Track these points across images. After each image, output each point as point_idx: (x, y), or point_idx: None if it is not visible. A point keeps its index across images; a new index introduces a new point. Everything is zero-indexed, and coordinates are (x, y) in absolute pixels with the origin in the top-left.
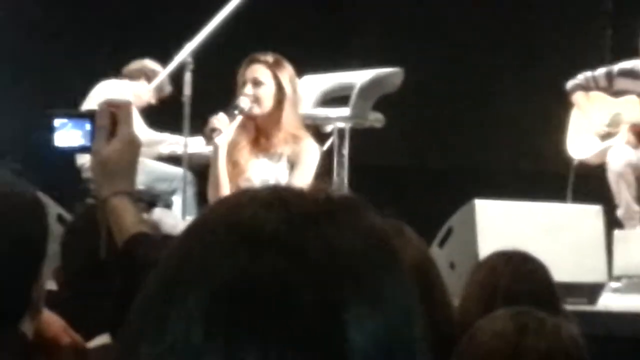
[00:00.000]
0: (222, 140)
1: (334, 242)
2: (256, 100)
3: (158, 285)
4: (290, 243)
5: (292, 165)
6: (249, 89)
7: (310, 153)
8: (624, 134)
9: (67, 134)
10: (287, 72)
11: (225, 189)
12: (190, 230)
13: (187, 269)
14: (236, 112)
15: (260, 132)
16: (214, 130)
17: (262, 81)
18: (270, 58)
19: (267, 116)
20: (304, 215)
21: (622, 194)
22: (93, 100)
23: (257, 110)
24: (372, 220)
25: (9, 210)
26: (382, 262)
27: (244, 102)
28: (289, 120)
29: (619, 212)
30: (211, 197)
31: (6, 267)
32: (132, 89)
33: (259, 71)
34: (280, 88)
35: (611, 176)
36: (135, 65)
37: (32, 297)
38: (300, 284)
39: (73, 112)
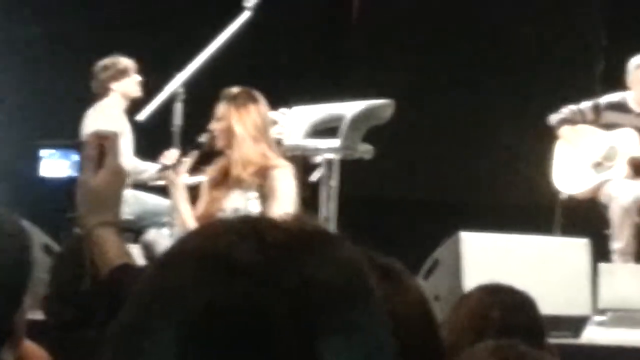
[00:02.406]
0: (173, 176)
1: (308, 272)
2: (216, 134)
3: (132, 315)
4: (265, 273)
5: (265, 196)
6: (212, 124)
7: (282, 181)
8: (622, 168)
9: (54, 164)
10: (244, 108)
11: (190, 222)
12: (164, 259)
13: (161, 299)
14: (192, 146)
15: (227, 166)
16: (164, 167)
17: (222, 116)
18: (233, 92)
19: (229, 150)
20: (278, 245)
21: (626, 229)
22: (88, 126)
23: (219, 144)
24: (346, 251)
25: None
26: (357, 292)
27: (203, 137)
28: (245, 154)
29: (617, 246)
30: (180, 230)
31: None
32: (116, 95)
33: (220, 106)
34: (237, 121)
35: (617, 210)
36: (93, 80)
37: (14, 326)
38: (275, 314)
39: (60, 142)
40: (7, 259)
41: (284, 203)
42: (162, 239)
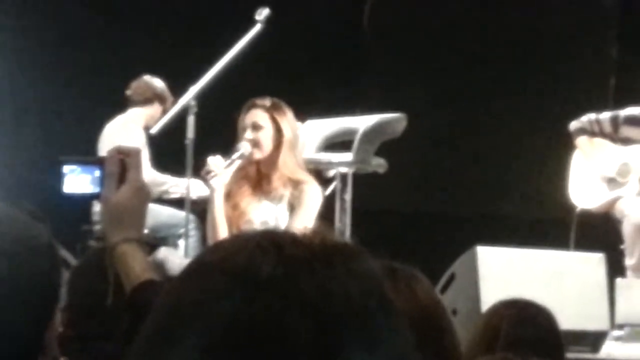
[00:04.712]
0: (218, 183)
1: (329, 286)
2: (256, 144)
3: (155, 329)
4: (286, 286)
5: (293, 208)
6: (248, 133)
7: (311, 196)
8: (635, 185)
9: (77, 180)
10: (285, 115)
11: (223, 231)
12: (186, 273)
13: (184, 313)
14: (237, 156)
15: (261, 175)
16: (208, 172)
17: (261, 125)
18: (267, 102)
19: (267, 159)
20: (298, 259)
21: (638, 247)
22: (107, 139)
23: (258, 155)
24: (367, 265)
25: (28, 255)
26: (378, 306)
27: (244, 146)
28: (286, 162)
29: (630, 262)
30: (209, 239)
31: (24, 312)
32: (145, 113)
33: (258, 115)
34: (278, 130)
35: (629, 228)
36: (140, 86)
37: (46, 341)
38: (297, 327)
39: (82, 158)
40: (41, 276)
41: (306, 218)
42: (173, 256)
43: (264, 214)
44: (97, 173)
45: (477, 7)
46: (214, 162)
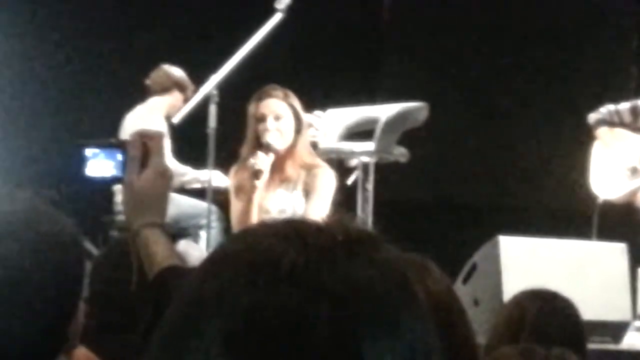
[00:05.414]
0: (262, 182)
1: (351, 275)
2: (281, 134)
3: (177, 318)
4: (307, 276)
5: (307, 193)
6: (271, 124)
7: (325, 180)
8: None
9: (99, 164)
10: (297, 101)
11: None
12: (208, 263)
13: (205, 302)
14: (268, 148)
15: (274, 165)
16: (259, 171)
17: (281, 114)
18: (280, 91)
19: (284, 148)
20: (321, 249)
21: None
22: (128, 128)
23: (282, 145)
24: (389, 254)
25: (53, 248)
26: (400, 296)
27: (271, 137)
28: (303, 149)
29: None
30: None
31: (48, 305)
32: (166, 102)
33: (276, 105)
34: (298, 118)
35: None
36: (159, 75)
37: (69, 334)
38: (318, 317)
39: (104, 142)
40: (65, 269)
41: (321, 202)
42: (193, 250)
43: (280, 203)
44: (120, 157)
45: None
46: (262, 160)
